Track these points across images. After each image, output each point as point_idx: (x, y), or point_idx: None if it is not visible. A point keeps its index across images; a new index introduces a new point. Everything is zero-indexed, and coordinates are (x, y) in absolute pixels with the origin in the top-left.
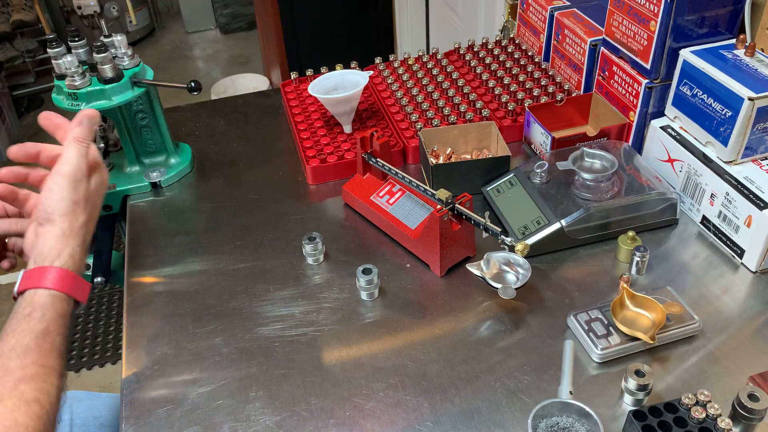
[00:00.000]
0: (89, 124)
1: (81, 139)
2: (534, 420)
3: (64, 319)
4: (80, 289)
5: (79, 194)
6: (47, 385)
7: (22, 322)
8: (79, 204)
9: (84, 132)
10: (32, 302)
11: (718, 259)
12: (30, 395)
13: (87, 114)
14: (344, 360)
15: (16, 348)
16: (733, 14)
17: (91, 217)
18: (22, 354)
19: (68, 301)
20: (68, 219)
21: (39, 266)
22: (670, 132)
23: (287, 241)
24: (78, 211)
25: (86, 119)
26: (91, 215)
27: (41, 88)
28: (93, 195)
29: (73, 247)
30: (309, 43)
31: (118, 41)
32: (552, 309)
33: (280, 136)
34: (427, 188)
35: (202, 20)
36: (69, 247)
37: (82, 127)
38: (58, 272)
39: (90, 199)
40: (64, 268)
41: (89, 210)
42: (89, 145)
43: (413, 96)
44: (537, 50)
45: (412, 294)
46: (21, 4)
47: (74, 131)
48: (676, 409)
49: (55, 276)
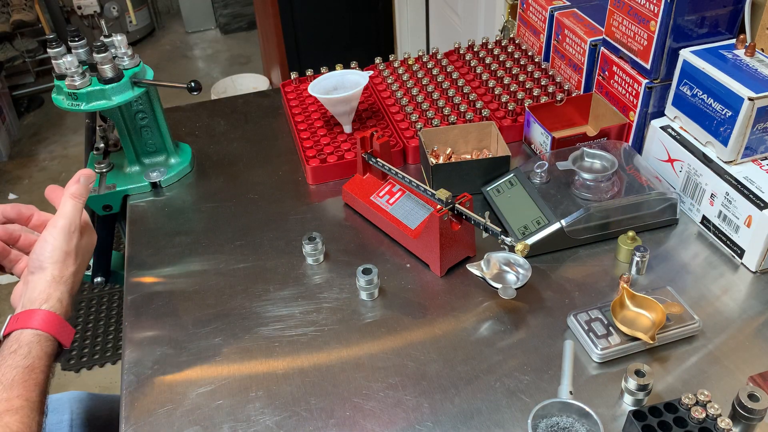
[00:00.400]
0: (86, 183)
1: (77, 196)
2: (534, 420)
3: (48, 359)
4: (65, 332)
5: (71, 246)
6: (30, 419)
7: (8, 358)
8: (70, 255)
9: (80, 189)
10: (18, 340)
11: (718, 259)
12: (15, 427)
13: (84, 173)
14: (344, 360)
15: (2, 381)
16: (733, 14)
17: (79, 269)
18: (8, 387)
19: (53, 342)
20: (59, 267)
21: (27, 309)
22: (670, 132)
23: (287, 241)
24: (69, 261)
25: (83, 178)
26: (79, 267)
27: (41, 88)
28: (82, 249)
29: (62, 292)
30: (309, 43)
31: (118, 41)
32: (552, 309)
33: (280, 136)
34: (427, 188)
35: (202, 20)
36: (58, 292)
37: (79, 185)
38: (45, 314)
39: (80, 252)
40: (52, 311)
41: (78, 262)
42: (83, 203)
43: (413, 96)
44: (537, 50)
45: (412, 294)
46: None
47: (71, 188)
48: (676, 409)
49: (42, 317)
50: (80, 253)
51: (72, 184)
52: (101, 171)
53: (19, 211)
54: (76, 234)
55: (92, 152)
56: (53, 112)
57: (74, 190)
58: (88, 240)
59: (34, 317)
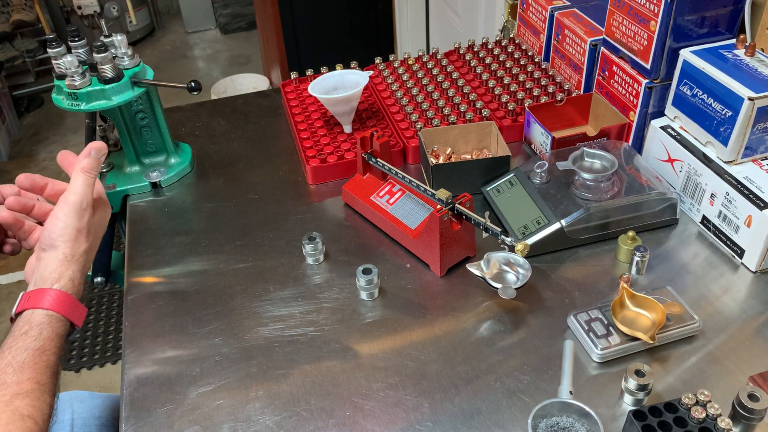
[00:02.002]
0: (96, 156)
1: (88, 170)
2: (534, 420)
3: (59, 340)
4: (77, 312)
5: (83, 223)
6: (41, 402)
7: (19, 340)
8: (82, 232)
9: (92, 163)
10: (29, 321)
11: (718, 259)
12: (25, 411)
13: (95, 146)
14: (344, 360)
15: (12, 363)
16: (733, 14)
17: (92, 246)
18: (18, 370)
19: (65, 323)
20: (71, 245)
21: (38, 288)
22: (670, 132)
23: (287, 241)
24: (80, 239)
25: (94, 151)
26: (92, 244)
27: (41, 88)
28: (96, 226)
29: (73, 271)
30: (309, 43)
31: (118, 41)
32: (552, 309)
33: (280, 136)
34: (427, 188)
35: (202, 20)
36: (69, 271)
37: (90, 159)
38: (57, 294)
39: (92, 229)
40: (63, 291)
41: (91, 239)
42: (95, 177)
43: (413, 96)
44: (537, 50)
45: (412, 294)
46: (21, 4)
47: (82, 162)
48: (676, 409)
49: (53, 297)
50: (93, 230)
51: (83, 158)
52: (101, 171)
53: (33, 181)
54: (87, 210)
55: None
56: (53, 112)
57: (85, 164)
58: (102, 215)
59: (45, 297)
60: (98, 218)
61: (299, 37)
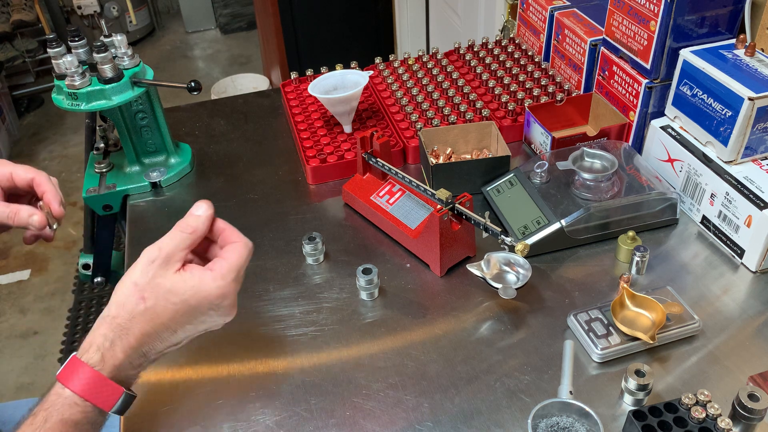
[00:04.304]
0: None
1: (185, 229)
2: (534, 420)
3: (67, 429)
4: (104, 394)
5: (146, 279)
6: None
7: (23, 428)
8: (140, 288)
9: (194, 223)
10: (45, 400)
11: (718, 259)
12: None
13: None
14: (344, 360)
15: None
16: (733, 14)
17: (155, 326)
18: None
19: (84, 408)
20: (121, 300)
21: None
22: (670, 132)
23: (287, 241)
24: (134, 296)
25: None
26: (156, 323)
27: (41, 88)
28: (199, 322)
29: (111, 339)
30: (309, 43)
31: (118, 41)
32: (552, 309)
33: (280, 136)
34: (427, 188)
35: (202, 20)
36: (101, 338)
37: (194, 218)
38: (75, 365)
39: (162, 302)
40: (89, 365)
41: (153, 313)
42: (195, 236)
43: (413, 96)
44: (537, 50)
45: (412, 294)
46: (21, 4)
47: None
48: (676, 409)
49: (71, 370)
50: (163, 305)
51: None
52: (101, 171)
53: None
54: (161, 269)
55: (92, 152)
56: (53, 112)
57: (189, 222)
58: (216, 317)
59: (67, 369)
60: (214, 316)
61: (299, 37)
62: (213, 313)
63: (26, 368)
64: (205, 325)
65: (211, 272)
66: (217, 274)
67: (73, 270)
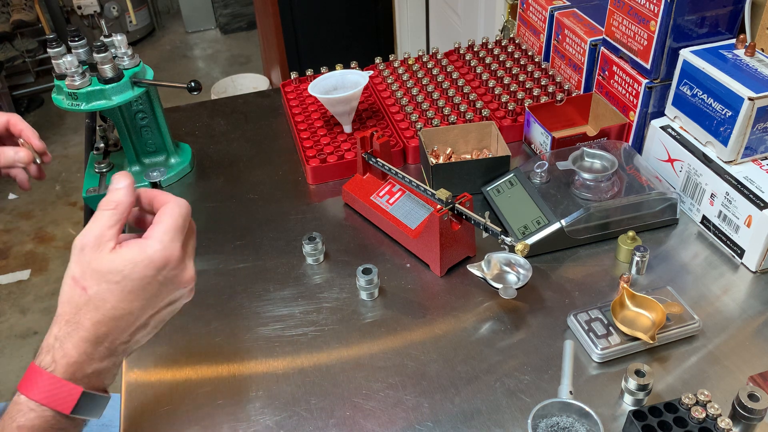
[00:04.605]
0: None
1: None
2: (534, 420)
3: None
4: (61, 395)
5: (83, 265)
6: None
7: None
8: (78, 281)
9: (116, 196)
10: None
11: (718, 259)
12: None
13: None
14: (344, 360)
15: None
16: (733, 14)
17: (103, 315)
18: None
19: (41, 413)
20: (63, 296)
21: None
22: (670, 132)
23: (287, 241)
24: (75, 289)
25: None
26: (103, 314)
27: (41, 88)
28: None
29: (60, 339)
30: (309, 43)
31: (118, 41)
32: (552, 309)
33: (280, 136)
34: (427, 188)
35: (202, 20)
36: (52, 337)
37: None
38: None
39: (101, 292)
40: (40, 367)
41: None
42: (121, 213)
43: (413, 96)
44: (537, 50)
45: (412, 294)
46: (21, 4)
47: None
48: (676, 409)
49: (27, 374)
50: (102, 294)
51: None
52: (101, 171)
53: None
54: (95, 251)
55: (92, 152)
56: (53, 112)
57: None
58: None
59: (28, 377)
60: (172, 297)
61: (299, 37)
62: (167, 285)
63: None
64: (163, 299)
65: (146, 239)
66: (153, 240)
67: None
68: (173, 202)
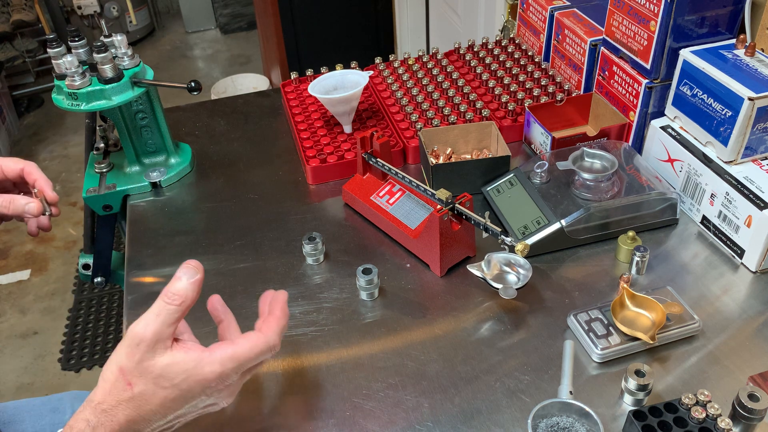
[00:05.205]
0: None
1: (170, 300)
2: (534, 420)
3: None
4: None
5: (133, 362)
6: None
7: None
8: (126, 374)
9: (181, 290)
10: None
11: (718, 259)
12: None
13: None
14: (344, 360)
15: None
16: (733, 14)
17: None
18: None
19: None
20: (107, 385)
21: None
22: (670, 132)
23: (287, 241)
24: (120, 383)
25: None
26: (146, 408)
27: (41, 88)
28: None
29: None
30: (309, 43)
31: (118, 41)
32: (552, 309)
33: (280, 136)
34: (427, 188)
35: (202, 20)
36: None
37: (185, 285)
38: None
39: (152, 388)
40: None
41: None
42: (179, 312)
43: (413, 96)
44: (537, 50)
45: (412, 294)
46: (21, 4)
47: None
48: (676, 409)
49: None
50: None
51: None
52: (101, 171)
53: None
54: (149, 352)
55: (92, 152)
56: (53, 112)
57: (174, 290)
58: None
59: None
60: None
61: (299, 37)
62: (203, 400)
63: (26, 368)
64: (198, 410)
65: (210, 354)
66: (216, 359)
67: (73, 270)
68: (265, 336)
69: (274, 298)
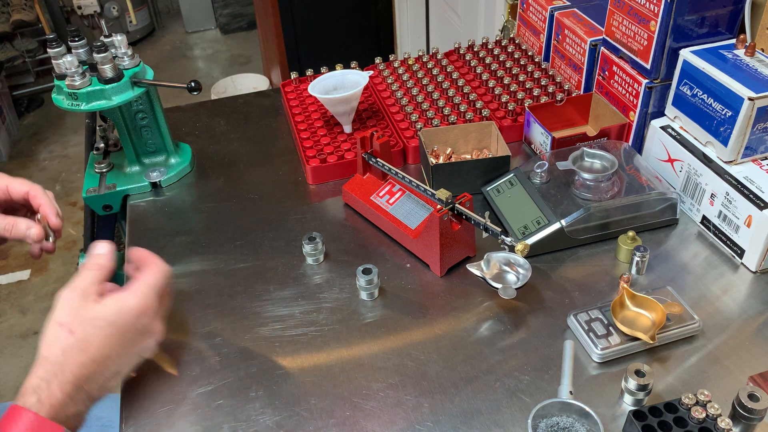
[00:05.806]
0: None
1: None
2: (534, 420)
3: None
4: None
5: (71, 313)
6: None
7: None
8: (64, 326)
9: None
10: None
11: (718, 259)
12: None
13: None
14: (344, 360)
15: None
16: (733, 14)
17: (88, 362)
18: None
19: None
20: (48, 338)
21: None
22: (670, 132)
23: (287, 241)
24: (61, 333)
25: None
26: (87, 358)
27: (41, 88)
28: (137, 339)
29: (46, 381)
30: (309, 43)
31: (118, 41)
32: (552, 309)
33: (280, 136)
34: (427, 188)
35: (202, 20)
36: (36, 379)
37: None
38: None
39: (89, 337)
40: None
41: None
42: (104, 270)
43: (413, 96)
44: (537, 50)
45: (412, 294)
46: (21, 4)
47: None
48: (676, 409)
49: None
50: (90, 339)
51: None
52: (101, 171)
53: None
54: (85, 302)
55: (92, 152)
56: (53, 112)
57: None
58: (149, 334)
59: (10, 417)
60: (145, 333)
61: (299, 37)
62: (142, 333)
63: (26, 368)
64: (135, 347)
65: (128, 291)
66: (134, 292)
67: (73, 270)
68: (157, 265)
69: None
